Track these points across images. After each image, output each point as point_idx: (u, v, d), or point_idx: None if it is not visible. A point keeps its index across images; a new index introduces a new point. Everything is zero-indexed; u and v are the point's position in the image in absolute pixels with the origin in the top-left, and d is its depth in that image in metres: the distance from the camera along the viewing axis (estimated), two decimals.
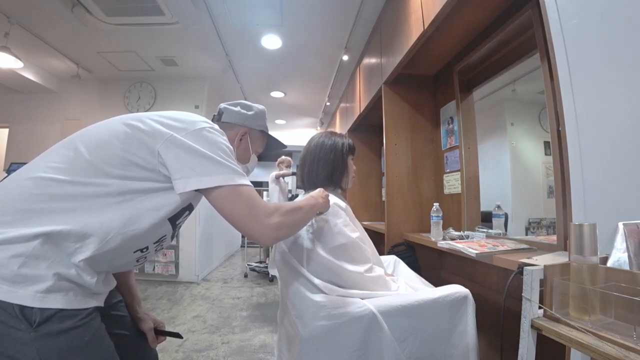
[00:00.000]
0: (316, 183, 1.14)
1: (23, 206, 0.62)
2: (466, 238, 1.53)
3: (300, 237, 1.02)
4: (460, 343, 0.97)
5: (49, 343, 0.57)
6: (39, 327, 0.56)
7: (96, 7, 2.42)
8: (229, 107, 0.98)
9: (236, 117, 0.97)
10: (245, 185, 0.72)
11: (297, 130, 6.48)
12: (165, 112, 0.77)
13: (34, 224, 0.60)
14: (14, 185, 0.65)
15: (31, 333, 0.56)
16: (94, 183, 0.65)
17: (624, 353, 0.50)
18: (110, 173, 0.67)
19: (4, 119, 4.07)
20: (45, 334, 0.57)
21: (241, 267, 4.69)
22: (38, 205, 0.62)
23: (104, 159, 0.67)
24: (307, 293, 0.95)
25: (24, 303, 0.56)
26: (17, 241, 0.58)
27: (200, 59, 3.43)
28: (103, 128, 0.73)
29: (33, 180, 0.64)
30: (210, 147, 0.71)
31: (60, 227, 0.61)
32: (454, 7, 1.38)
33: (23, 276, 0.57)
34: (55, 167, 0.66)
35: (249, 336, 2.23)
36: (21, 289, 0.56)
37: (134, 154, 0.68)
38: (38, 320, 0.56)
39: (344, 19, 2.62)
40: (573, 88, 0.82)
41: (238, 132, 0.96)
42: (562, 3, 0.86)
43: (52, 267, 0.60)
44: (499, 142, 1.89)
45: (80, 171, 0.66)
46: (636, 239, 0.67)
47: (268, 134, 1.06)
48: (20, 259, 0.57)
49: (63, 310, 0.59)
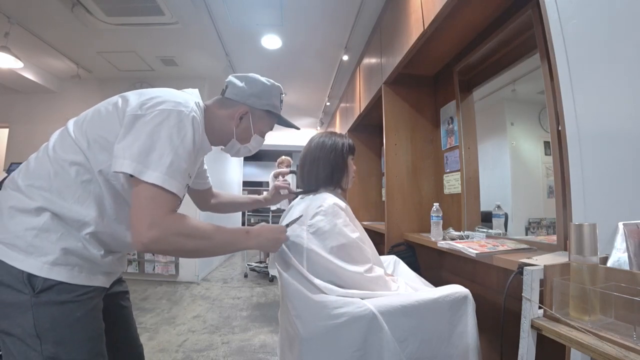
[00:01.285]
0: (316, 183, 1.14)
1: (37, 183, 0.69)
2: (466, 238, 1.52)
3: (300, 237, 1.02)
4: (460, 343, 0.97)
5: (45, 310, 0.63)
6: (40, 294, 0.63)
7: (96, 7, 2.42)
8: (235, 80, 0.91)
9: (238, 94, 0.89)
10: (155, 186, 0.65)
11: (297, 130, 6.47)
12: (149, 90, 0.76)
13: (41, 200, 0.67)
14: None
15: (32, 298, 0.63)
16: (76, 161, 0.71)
17: (624, 353, 0.50)
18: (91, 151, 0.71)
19: (4, 119, 4.07)
20: (44, 301, 0.63)
21: (241, 267, 4.69)
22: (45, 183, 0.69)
23: (89, 137, 0.72)
24: (307, 293, 0.95)
25: (32, 271, 0.63)
26: (32, 214, 0.66)
27: (200, 59, 3.43)
28: (95, 107, 0.79)
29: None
30: (156, 128, 0.67)
31: (60, 204, 0.68)
32: (454, 7, 1.38)
33: (35, 247, 0.64)
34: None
35: (249, 336, 2.23)
36: (32, 258, 0.64)
37: (108, 132, 0.71)
38: (40, 288, 0.63)
39: (344, 19, 2.63)
40: (573, 88, 0.82)
41: (237, 111, 0.88)
42: (562, 3, 0.86)
43: (61, 240, 0.66)
44: (499, 142, 1.89)
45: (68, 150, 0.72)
46: (636, 239, 0.67)
47: (279, 115, 0.96)
48: (33, 231, 0.65)
49: (63, 284, 0.65)
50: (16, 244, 0.64)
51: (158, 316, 2.59)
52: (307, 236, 1.01)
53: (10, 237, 0.64)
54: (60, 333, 0.64)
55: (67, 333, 0.65)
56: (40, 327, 0.62)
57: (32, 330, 0.62)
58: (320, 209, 1.04)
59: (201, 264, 3.85)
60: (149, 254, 3.68)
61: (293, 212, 1.12)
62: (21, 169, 0.73)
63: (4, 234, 0.65)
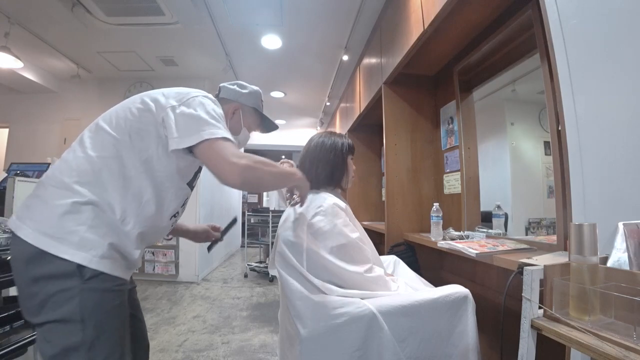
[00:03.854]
0: (316, 183, 1.14)
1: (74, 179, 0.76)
2: (466, 238, 1.52)
3: (300, 237, 1.02)
4: (460, 343, 0.97)
5: (90, 295, 0.70)
6: (88, 281, 0.70)
7: (96, 7, 2.42)
8: (227, 85, 1.10)
9: (231, 94, 1.08)
10: (224, 138, 0.79)
11: (297, 130, 6.47)
12: (166, 89, 0.89)
13: (88, 196, 0.74)
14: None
15: (81, 284, 0.69)
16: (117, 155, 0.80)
17: (624, 353, 0.50)
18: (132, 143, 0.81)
19: (4, 119, 4.07)
20: (91, 287, 0.70)
21: (241, 267, 4.69)
22: (85, 178, 0.76)
23: (125, 132, 0.81)
24: (306, 293, 0.95)
25: (83, 263, 0.70)
26: (81, 210, 0.73)
27: (200, 59, 3.43)
28: (120, 108, 0.87)
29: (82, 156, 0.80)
30: (199, 110, 0.82)
31: (106, 199, 0.76)
32: (454, 7, 1.38)
33: (86, 241, 0.71)
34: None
35: (249, 336, 2.23)
36: (83, 252, 0.70)
37: (147, 125, 0.82)
38: (88, 276, 0.70)
39: (344, 19, 2.63)
40: (573, 88, 0.82)
41: (231, 107, 1.06)
42: (562, 3, 0.86)
43: (108, 235, 0.74)
44: (499, 142, 1.89)
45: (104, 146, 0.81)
46: (636, 239, 0.67)
47: (262, 114, 1.14)
48: (84, 226, 0.72)
49: (106, 274, 0.73)
50: (67, 239, 0.70)
51: (158, 316, 2.59)
52: (307, 236, 1.01)
53: (62, 232, 0.70)
54: (100, 318, 0.71)
55: (105, 319, 0.72)
56: (85, 311, 0.69)
57: (77, 315, 0.68)
58: (320, 209, 1.04)
59: (201, 264, 3.85)
60: (149, 254, 3.69)
61: (293, 213, 1.12)
62: (60, 167, 0.79)
63: (55, 229, 0.70)
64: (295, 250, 1.01)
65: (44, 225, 0.71)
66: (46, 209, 0.72)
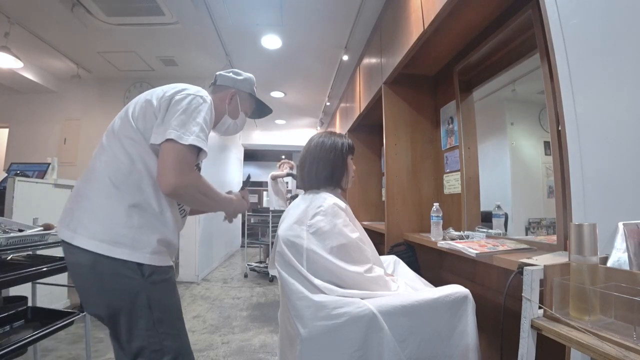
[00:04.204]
0: (316, 183, 1.14)
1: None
2: (466, 238, 1.52)
3: (300, 237, 1.02)
4: (460, 343, 0.97)
5: (153, 288, 0.83)
6: (149, 277, 0.83)
7: (96, 7, 2.42)
8: (223, 73, 1.16)
9: (227, 81, 1.14)
10: (190, 147, 0.83)
11: (297, 130, 6.48)
12: (167, 85, 0.94)
13: (131, 199, 0.83)
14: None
15: (144, 281, 0.82)
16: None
17: (624, 353, 0.50)
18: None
19: (4, 119, 4.07)
20: (152, 281, 0.83)
21: (241, 267, 4.69)
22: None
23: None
24: (306, 293, 0.95)
25: (140, 261, 0.81)
26: (128, 213, 0.82)
27: (200, 59, 3.43)
28: (132, 108, 0.92)
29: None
30: (190, 111, 0.87)
31: (146, 200, 0.85)
32: (454, 7, 1.38)
33: (138, 241, 0.82)
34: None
35: (249, 336, 2.23)
36: (137, 251, 0.81)
37: (152, 121, 0.87)
38: (148, 273, 0.82)
39: (344, 19, 2.63)
40: (573, 88, 0.82)
41: (229, 92, 1.13)
42: (562, 3, 0.86)
43: (154, 233, 0.85)
44: (499, 142, 1.89)
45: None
46: (636, 239, 0.67)
47: (256, 98, 1.21)
48: (133, 229, 0.82)
49: (161, 267, 0.86)
50: (121, 241, 0.80)
51: None
52: (307, 236, 1.01)
53: (115, 236, 0.80)
54: (163, 302, 0.85)
55: (167, 302, 0.86)
56: (151, 300, 0.82)
57: (145, 303, 0.82)
58: (320, 209, 1.04)
59: (201, 264, 3.85)
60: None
61: (293, 213, 1.12)
62: (95, 177, 0.85)
63: (109, 235, 0.80)
64: (295, 250, 1.01)
65: (98, 233, 0.80)
66: (95, 218, 0.81)
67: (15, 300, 1.44)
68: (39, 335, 1.23)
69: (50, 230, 1.43)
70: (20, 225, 1.39)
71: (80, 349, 1.92)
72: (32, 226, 1.43)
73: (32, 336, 1.21)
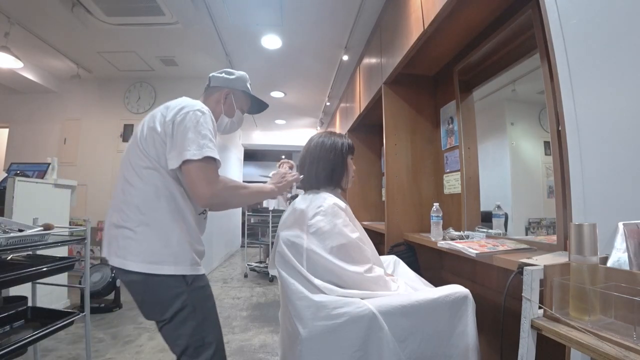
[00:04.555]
0: (316, 183, 1.14)
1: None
2: (466, 238, 1.52)
3: (300, 237, 1.02)
4: (460, 343, 0.97)
5: (195, 293, 0.96)
6: (191, 284, 0.95)
7: (96, 7, 2.42)
8: (216, 74, 1.19)
9: (220, 81, 1.17)
10: (206, 159, 0.91)
11: (297, 130, 6.48)
12: (169, 103, 1.00)
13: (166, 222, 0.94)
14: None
15: (188, 288, 0.94)
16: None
17: (624, 353, 0.50)
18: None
19: (4, 119, 4.07)
20: (194, 287, 0.96)
21: (241, 267, 4.69)
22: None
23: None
24: (306, 293, 0.95)
25: (183, 273, 0.94)
26: (167, 235, 0.94)
27: (200, 59, 3.43)
28: (141, 137, 0.99)
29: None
30: (195, 127, 0.93)
31: (178, 219, 0.96)
32: (454, 7, 1.38)
33: (178, 257, 0.94)
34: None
35: (249, 336, 2.23)
36: (180, 266, 0.93)
37: (161, 146, 0.96)
38: (190, 281, 0.95)
39: (344, 19, 2.63)
40: (573, 88, 0.82)
41: (223, 92, 1.17)
42: (562, 3, 0.86)
43: (191, 246, 0.97)
44: (499, 142, 1.89)
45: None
46: (636, 239, 0.67)
47: (251, 94, 1.23)
48: (172, 247, 0.93)
49: (199, 275, 0.98)
50: (165, 260, 0.92)
51: None
52: (307, 236, 1.01)
53: (159, 257, 0.91)
54: (204, 304, 0.98)
55: (206, 304, 0.99)
56: (195, 302, 0.95)
57: (190, 306, 0.94)
58: (320, 209, 1.04)
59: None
60: None
61: (293, 213, 1.12)
62: (127, 208, 0.94)
63: (152, 257, 0.91)
64: (295, 250, 1.01)
65: (144, 256, 0.91)
66: (138, 244, 0.92)
67: (15, 300, 1.44)
68: (39, 335, 1.24)
69: (50, 230, 1.43)
70: (20, 225, 1.39)
71: (80, 349, 1.92)
72: (32, 226, 1.43)
73: (32, 336, 1.21)
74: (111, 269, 2.73)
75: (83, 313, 1.47)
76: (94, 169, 3.83)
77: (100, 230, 3.77)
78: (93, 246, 3.71)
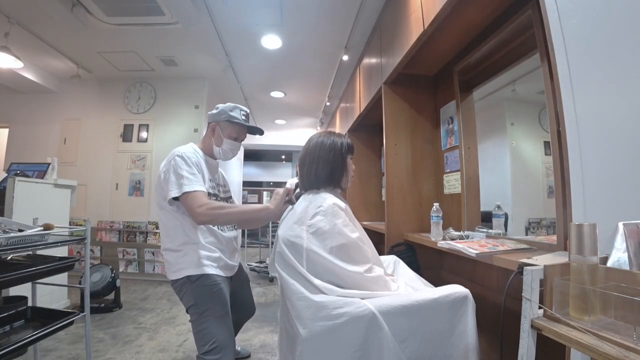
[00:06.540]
0: (316, 183, 1.14)
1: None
2: (466, 238, 1.52)
3: (300, 238, 1.01)
4: (460, 343, 0.97)
5: (197, 289, 1.26)
6: (194, 283, 1.26)
7: (96, 7, 2.42)
8: (211, 112, 1.43)
9: (209, 118, 1.44)
10: (191, 191, 1.22)
11: (297, 130, 6.48)
12: (162, 163, 1.34)
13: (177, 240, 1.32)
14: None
15: (191, 285, 1.26)
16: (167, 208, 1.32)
17: (624, 353, 0.50)
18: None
19: (4, 119, 4.07)
20: (196, 285, 1.26)
21: None
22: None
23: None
24: (306, 293, 0.95)
25: (188, 274, 1.27)
26: (176, 250, 1.31)
27: (200, 59, 3.43)
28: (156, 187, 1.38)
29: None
30: (173, 172, 1.26)
31: (188, 238, 1.31)
32: (454, 7, 1.38)
33: (183, 263, 1.28)
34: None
35: (249, 336, 2.23)
36: (187, 270, 1.27)
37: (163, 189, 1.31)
38: (194, 280, 1.26)
39: (344, 19, 2.63)
40: (573, 88, 0.82)
41: (210, 127, 1.43)
42: (562, 3, 0.86)
43: (195, 254, 1.28)
44: (499, 142, 1.89)
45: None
46: (636, 239, 0.67)
47: (235, 122, 1.41)
48: (183, 259, 1.28)
49: (204, 275, 1.27)
50: (180, 267, 1.28)
51: (158, 316, 2.59)
52: (306, 236, 1.01)
53: (177, 266, 1.28)
54: (206, 299, 1.26)
55: (210, 299, 1.26)
56: (197, 298, 1.25)
57: (193, 300, 1.25)
58: (319, 209, 1.04)
59: None
60: (149, 254, 3.69)
61: (293, 213, 1.12)
62: (162, 239, 1.36)
63: (174, 267, 1.29)
64: (295, 251, 1.01)
65: (172, 269, 1.30)
66: (168, 260, 1.32)
67: (15, 300, 1.44)
68: (39, 335, 1.24)
69: (50, 230, 1.43)
70: (20, 225, 1.39)
71: (80, 349, 1.92)
72: (32, 226, 1.43)
73: (32, 336, 1.21)
74: (111, 269, 2.74)
75: (83, 313, 1.47)
76: (94, 169, 3.84)
77: (100, 230, 3.77)
78: (93, 246, 3.71)
